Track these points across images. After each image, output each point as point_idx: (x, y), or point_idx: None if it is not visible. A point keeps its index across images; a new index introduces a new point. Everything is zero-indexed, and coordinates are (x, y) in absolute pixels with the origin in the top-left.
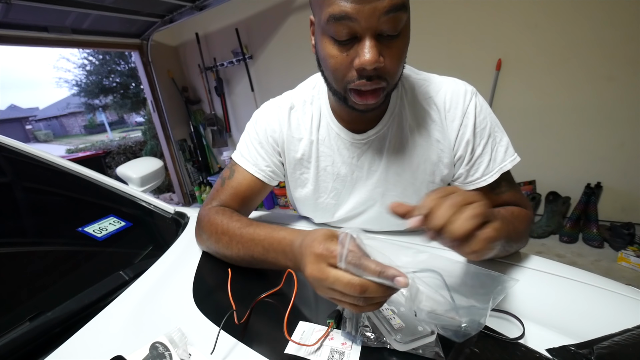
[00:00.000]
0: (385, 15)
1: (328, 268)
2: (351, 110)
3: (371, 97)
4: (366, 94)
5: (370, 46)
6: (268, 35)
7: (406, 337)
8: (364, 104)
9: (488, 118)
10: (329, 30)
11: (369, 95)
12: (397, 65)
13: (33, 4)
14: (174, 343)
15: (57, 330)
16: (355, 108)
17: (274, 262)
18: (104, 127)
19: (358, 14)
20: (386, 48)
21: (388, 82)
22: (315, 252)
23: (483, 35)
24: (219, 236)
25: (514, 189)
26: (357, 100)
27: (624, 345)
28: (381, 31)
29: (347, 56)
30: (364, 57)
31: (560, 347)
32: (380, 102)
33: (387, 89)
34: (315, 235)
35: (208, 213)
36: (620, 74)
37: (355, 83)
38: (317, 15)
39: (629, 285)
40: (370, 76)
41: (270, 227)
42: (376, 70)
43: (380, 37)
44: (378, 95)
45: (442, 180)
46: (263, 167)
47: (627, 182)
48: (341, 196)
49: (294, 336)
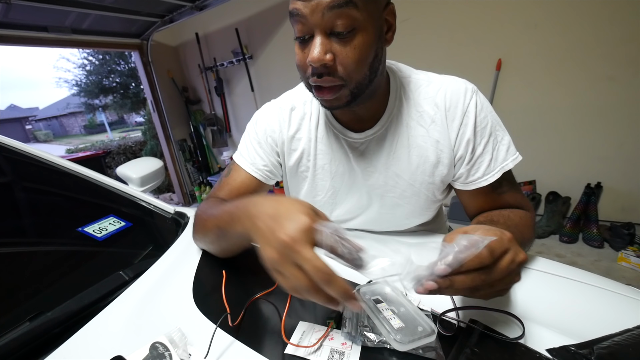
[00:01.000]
0: (330, 11)
1: (308, 243)
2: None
3: (327, 93)
4: (323, 90)
5: (317, 44)
6: (268, 35)
7: (406, 337)
8: (323, 100)
9: (489, 116)
10: (294, 30)
11: (325, 91)
12: (353, 63)
13: (33, 4)
14: (174, 343)
15: (57, 330)
16: (323, 105)
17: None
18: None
19: (304, 9)
20: (339, 46)
21: (345, 80)
22: (302, 221)
23: (483, 35)
24: (201, 218)
25: (515, 188)
26: (316, 96)
27: (624, 345)
28: (332, 28)
29: (304, 54)
30: (311, 55)
31: (560, 347)
32: (345, 101)
33: (347, 87)
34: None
35: (200, 205)
36: (620, 74)
37: (311, 79)
38: None
39: (629, 285)
40: (320, 73)
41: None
42: (326, 67)
43: (332, 35)
44: (334, 91)
45: (441, 180)
46: (260, 166)
47: (627, 182)
48: (338, 195)
49: (293, 337)
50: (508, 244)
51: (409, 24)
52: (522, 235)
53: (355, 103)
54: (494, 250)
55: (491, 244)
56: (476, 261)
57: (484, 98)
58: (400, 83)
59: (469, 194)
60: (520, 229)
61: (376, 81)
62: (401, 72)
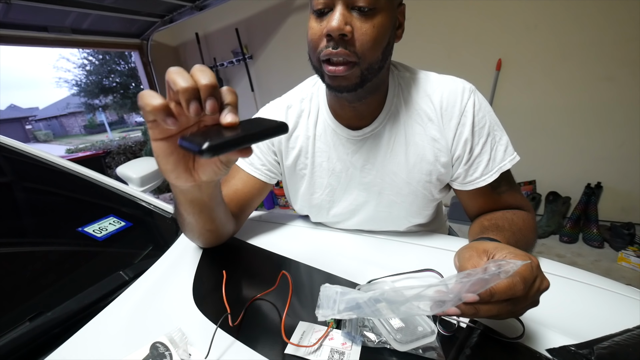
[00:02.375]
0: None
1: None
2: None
3: (340, 69)
4: (335, 64)
5: (338, 13)
6: (268, 35)
7: (406, 337)
8: (335, 77)
9: (487, 116)
10: (311, 4)
11: (337, 65)
12: (370, 41)
13: (33, 3)
14: (174, 343)
15: (57, 330)
16: (332, 86)
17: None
18: (103, 127)
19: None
20: (359, 21)
21: (359, 57)
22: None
23: (483, 35)
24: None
25: (514, 188)
26: (328, 71)
27: (624, 345)
28: (354, 2)
29: (321, 27)
30: (330, 24)
31: (560, 347)
32: (354, 82)
33: (359, 66)
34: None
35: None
36: (619, 74)
37: (324, 52)
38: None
39: (629, 286)
40: (337, 44)
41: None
42: (343, 40)
43: (354, 10)
44: (348, 67)
45: (438, 179)
46: (258, 165)
47: (627, 182)
48: (336, 193)
49: (293, 337)
50: (536, 271)
51: (409, 24)
52: (527, 240)
53: (362, 89)
54: (527, 281)
55: (524, 273)
56: (509, 293)
57: (482, 98)
58: (398, 81)
59: (468, 194)
60: (524, 233)
61: (382, 73)
62: (400, 71)
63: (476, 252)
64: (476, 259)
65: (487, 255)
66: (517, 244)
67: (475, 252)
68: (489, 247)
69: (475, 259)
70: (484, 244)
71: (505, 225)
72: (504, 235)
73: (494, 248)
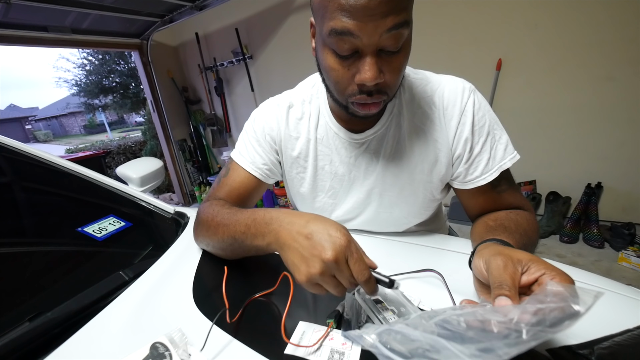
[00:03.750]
0: (388, 32)
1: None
2: (352, 117)
3: (373, 107)
4: (369, 106)
5: (371, 63)
6: (268, 35)
7: None
8: (366, 113)
9: (487, 115)
10: (331, 44)
11: (371, 106)
12: (397, 78)
13: (33, 3)
14: (174, 343)
15: (57, 331)
16: (356, 115)
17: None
18: (103, 127)
19: (360, 31)
20: (387, 63)
21: (388, 94)
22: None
23: (483, 35)
24: (209, 224)
25: (514, 188)
26: (359, 110)
27: (624, 345)
28: (383, 47)
29: (349, 71)
30: (365, 75)
31: (560, 347)
32: (380, 109)
33: (387, 101)
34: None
35: (204, 208)
36: (620, 74)
37: (357, 97)
38: (319, 25)
39: (629, 286)
40: (371, 91)
41: (256, 209)
42: (377, 85)
43: (381, 52)
44: (379, 105)
45: (440, 180)
46: (260, 164)
47: (628, 182)
48: (338, 196)
49: (293, 337)
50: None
51: None
52: (532, 241)
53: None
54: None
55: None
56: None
57: (482, 97)
58: None
59: (468, 193)
60: (529, 234)
61: None
62: None
63: (512, 262)
64: (512, 269)
65: (522, 266)
66: (525, 246)
67: (511, 262)
68: (523, 258)
69: (512, 268)
70: (516, 252)
71: (512, 226)
72: (513, 237)
73: (528, 260)
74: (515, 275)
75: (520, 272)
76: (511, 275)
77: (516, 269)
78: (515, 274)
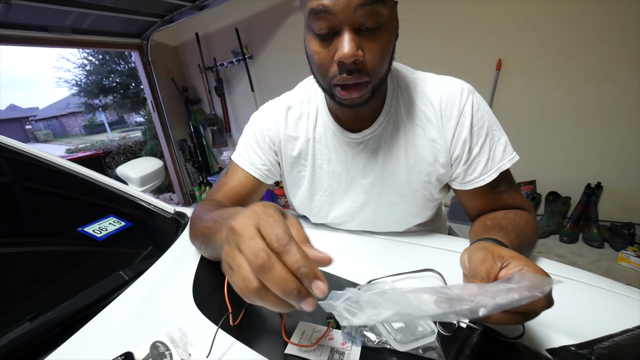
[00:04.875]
0: (362, 7)
1: (251, 226)
2: (340, 106)
3: (355, 91)
4: (350, 88)
5: (349, 39)
6: (268, 35)
7: (406, 337)
8: (349, 98)
9: (486, 116)
10: (311, 26)
11: (352, 89)
12: (380, 59)
13: (33, 3)
14: (175, 343)
15: (57, 331)
16: (343, 103)
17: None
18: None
19: (334, 6)
20: (367, 42)
21: (371, 76)
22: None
23: (483, 35)
24: (193, 223)
25: (514, 188)
26: (341, 95)
27: (624, 345)
28: (360, 24)
29: (329, 52)
30: (342, 51)
31: (560, 347)
32: (366, 97)
33: (371, 83)
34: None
35: (195, 208)
36: (620, 74)
37: (338, 78)
38: (304, 13)
39: (629, 286)
40: (350, 70)
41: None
42: (356, 64)
43: (360, 32)
44: (361, 89)
45: (438, 180)
46: (259, 165)
47: (628, 182)
48: (336, 195)
49: (293, 337)
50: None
51: (409, 24)
52: (529, 241)
53: (372, 100)
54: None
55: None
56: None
57: (481, 98)
58: (397, 82)
59: (467, 194)
60: (526, 234)
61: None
62: (398, 72)
63: (492, 256)
64: (490, 262)
65: (502, 261)
66: (520, 246)
67: (491, 256)
68: (505, 254)
69: (490, 262)
70: (499, 249)
71: (509, 225)
72: (508, 237)
73: (510, 256)
74: (492, 269)
75: (500, 267)
76: (487, 268)
77: (495, 263)
78: (492, 268)
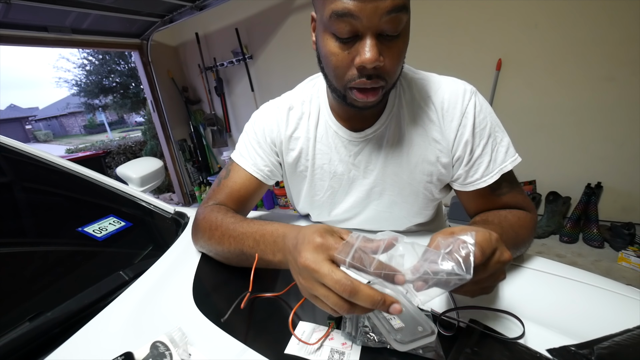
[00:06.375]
0: (387, 15)
1: (324, 261)
2: (350, 108)
3: (372, 95)
4: (367, 92)
5: (372, 45)
6: (268, 35)
7: (406, 337)
8: (364, 102)
9: (488, 118)
10: (331, 27)
11: (369, 93)
12: (396, 65)
13: (33, 3)
14: (175, 342)
15: (57, 331)
16: (354, 105)
17: (262, 256)
18: (103, 127)
19: (360, 12)
20: (386, 48)
21: (387, 81)
22: (315, 242)
23: (483, 35)
24: (212, 232)
25: (516, 189)
26: (357, 98)
27: (624, 345)
28: (382, 31)
29: (349, 54)
30: (365, 56)
31: (560, 347)
32: (378, 101)
33: (385, 88)
34: (315, 228)
35: (204, 211)
36: (620, 74)
37: (356, 82)
38: (320, 12)
39: (629, 286)
40: (370, 75)
41: (263, 222)
42: (376, 69)
43: (380, 37)
44: (377, 93)
45: (439, 180)
46: (262, 166)
47: (628, 182)
48: (337, 195)
49: (293, 338)
50: (495, 244)
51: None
52: (517, 235)
53: (381, 102)
54: (485, 251)
55: (482, 243)
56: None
57: (483, 99)
58: (400, 82)
59: (468, 195)
60: (515, 229)
61: None
62: (401, 72)
63: (442, 233)
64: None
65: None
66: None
67: (442, 233)
68: (456, 230)
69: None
70: (453, 227)
71: (495, 220)
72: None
73: (460, 230)
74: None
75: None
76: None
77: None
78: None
